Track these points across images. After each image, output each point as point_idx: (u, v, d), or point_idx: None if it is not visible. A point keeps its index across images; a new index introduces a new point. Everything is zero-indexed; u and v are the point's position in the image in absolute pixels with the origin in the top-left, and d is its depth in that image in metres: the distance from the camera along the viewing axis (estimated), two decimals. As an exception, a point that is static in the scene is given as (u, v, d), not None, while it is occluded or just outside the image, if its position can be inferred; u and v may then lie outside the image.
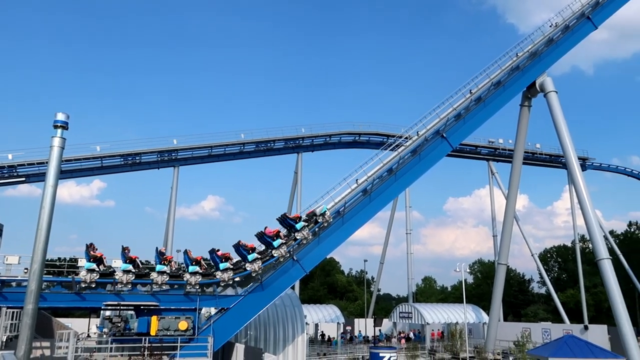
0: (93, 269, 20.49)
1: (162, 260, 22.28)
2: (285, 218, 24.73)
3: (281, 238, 23.71)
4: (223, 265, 22.31)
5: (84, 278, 20.23)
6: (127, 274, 20.77)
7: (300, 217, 24.77)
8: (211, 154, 46.02)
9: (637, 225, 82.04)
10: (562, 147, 32.81)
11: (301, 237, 23.95)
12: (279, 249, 23.27)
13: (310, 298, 74.71)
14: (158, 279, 21.21)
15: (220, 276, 22.07)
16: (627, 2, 35.80)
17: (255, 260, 22.72)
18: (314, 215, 24.71)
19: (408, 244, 55.74)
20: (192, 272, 21.75)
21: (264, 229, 24.21)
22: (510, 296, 74.58)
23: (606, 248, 30.83)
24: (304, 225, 24.23)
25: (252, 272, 22.61)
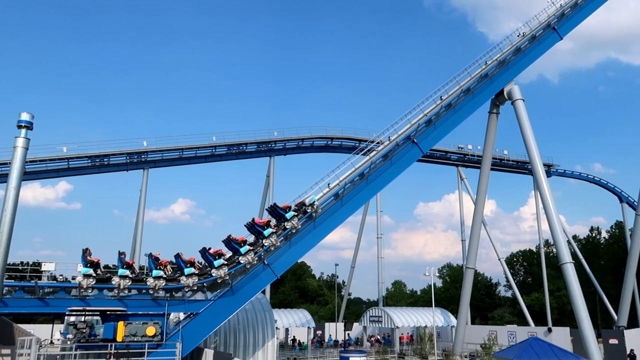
0: (90, 274, 20.30)
1: (158, 265, 21.99)
2: (275, 208, 24.94)
3: (271, 227, 23.99)
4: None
5: (218, 274, 20.98)
6: (124, 279, 20.64)
7: (290, 206, 25.00)
8: (182, 157, 45.41)
9: (598, 230, 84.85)
10: (529, 153, 33.68)
11: (291, 227, 24.33)
12: (269, 237, 23.61)
13: (281, 302, 74.35)
14: (189, 281, 21.36)
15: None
16: (590, 15, 37.16)
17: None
18: (303, 205, 25.13)
19: (379, 248, 56.21)
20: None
21: (253, 220, 24.49)
22: (477, 300, 75.97)
23: (569, 252, 31.75)
24: (293, 214, 24.52)
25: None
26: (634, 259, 43.67)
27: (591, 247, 79.47)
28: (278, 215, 24.79)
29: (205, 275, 22.41)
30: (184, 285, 21.79)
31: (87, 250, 21.60)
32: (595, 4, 36.70)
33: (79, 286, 20.07)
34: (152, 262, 22.47)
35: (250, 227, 24.68)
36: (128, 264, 21.39)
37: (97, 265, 20.90)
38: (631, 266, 43.80)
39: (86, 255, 21.19)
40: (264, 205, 50.08)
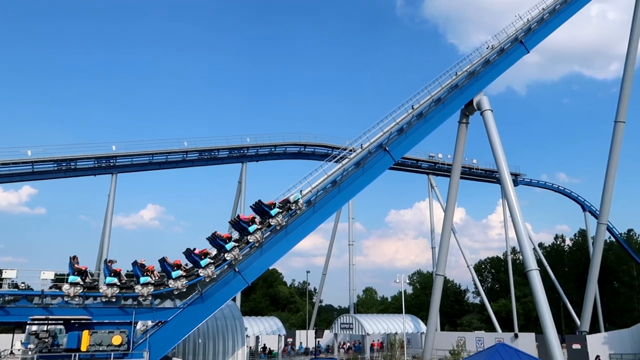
0: (77, 282, 20.01)
1: (144, 272, 21.63)
2: (260, 205, 25.06)
3: (256, 224, 24.19)
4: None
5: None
6: (112, 287, 20.33)
7: (274, 203, 25.21)
8: (152, 162, 44.67)
9: (563, 238, 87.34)
10: (497, 163, 34.42)
11: (275, 223, 24.56)
12: (254, 234, 23.78)
13: (251, 310, 73.67)
14: (144, 290, 20.85)
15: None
16: (556, 30, 38.40)
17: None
18: (287, 202, 25.45)
19: (350, 255, 56.42)
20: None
21: (238, 216, 24.86)
22: (447, 306, 77.02)
23: (535, 260, 32.52)
24: (278, 211, 24.84)
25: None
26: (595, 266, 44.99)
27: (556, 255, 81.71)
28: (263, 212, 24.98)
29: (192, 277, 22.22)
30: (173, 288, 21.52)
31: (74, 258, 21.29)
32: (560, 20, 37.96)
33: (66, 295, 19.73)
34: (139, 270, 22.00)
35: (235, 224, 24.76)
36: (80, 270, 20.66)
37: (85, 273, 20.59)
38: (593, 273, 45.08)
39: (74, 263, 20.89)
40: (235, 211, 49.66)
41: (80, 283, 20.32)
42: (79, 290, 20.15)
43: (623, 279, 76.78)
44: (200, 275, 22.40)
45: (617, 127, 42.63)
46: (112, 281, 20.68)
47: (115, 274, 21.19)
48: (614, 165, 42.82)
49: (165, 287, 21.76)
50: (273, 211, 24.72)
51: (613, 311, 72.79)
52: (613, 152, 42.74)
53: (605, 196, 43.66)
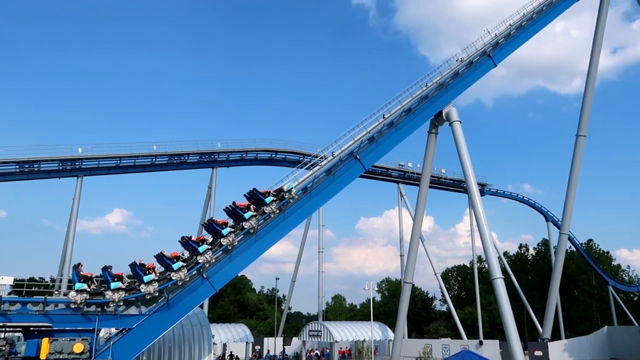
0: (84, 289, 20.07)
1: (146, 270, 21.47)
2: (255, 192, 25.25)
3: (252, 211, 24.62)
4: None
5: (74, 299, 19.70)
6: (81, 293, 20.01)
7: (269, 192, 25.67)
8: (119, 165, 43.73)
9: (526, 247, 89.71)
10: (464, 173, 35.10)
11: (269, 211, 24.89)
12: (249, 220, 24.00)
13: (219, 317, 72.71)
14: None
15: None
16: (522, 45, 39.59)
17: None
18: (281, 191, 25.95)
19: (320, 262, 56.39)
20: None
21: (233, 203, 24.90)
22: (414, 314, 77.86)
23: (500, 268, 33.21)
24: (272, 199, 25.28)
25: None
26: (557, 274, 46.29)
27: (520, 263, 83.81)
28: (257, 200, 25.22)
29: (164, 280, 21.88)
30: (145, 292, 21.22)
31: (79, 266, 21.35)
32: (526, 36, 39.15)
33: (73, 302, 19.69)
34: (139, 270, 21.75)
35: (232, 211, 24.84)
36: (86, 276, 20.72)
37: (90, 280, 20.66)
38: (555, 281, 46.34)
39: (79, 270, 21.01)
40: (204, 217, 49.05)
41: (87, 290, 20.32)
42: (85, 297, 20.10)
43: (583, 287, 79.35)
44: (172, 278, 22.02)
45: (579, 140, 44.18)
46: (81, 287, 20.21)
47: (85, 279, 20.71)
48: (575, 177, 44.31)
49: (137, 292, 21.30)
50: (267, 199, 25.15)
51: (573, 319, 75.08)
52: (574, 165, 44.23)
53: (567, 207, 45.07)
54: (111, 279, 21.13)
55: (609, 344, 44.72)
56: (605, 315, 75.50)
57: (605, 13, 44.11)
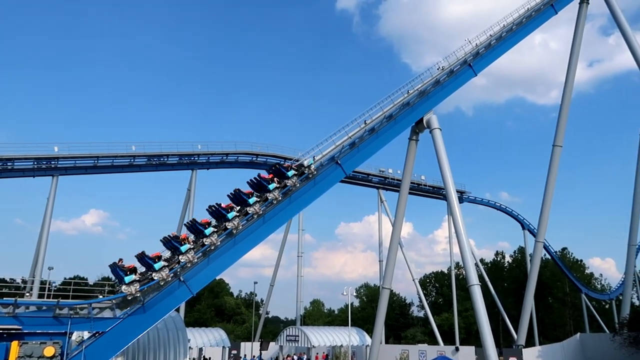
0: (134, 279, 21.07)
1: (127, 271, 21.60)
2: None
3: (275, 183, 25.99)
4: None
5: (130, 291, 20.72)
6: (133, 284, 21.03)
7: (291, 166, 27.32)
8: (97, 165, 42.99)
9: (503, 254, 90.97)
10: (443, 180, 35.40)
11: (291, 184, 25.88)
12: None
13: (195, 321, 71.85)
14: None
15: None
16: (501, 55, 40.28)
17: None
18: (301, 166, 27.29)
19: (299, 267, 56.31)
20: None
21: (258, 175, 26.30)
22: (392, 319, 78.13)
23: (477, 275, 33.55)
24: (294, 173, 26.88)
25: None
26: (532, 282, 46.97)
27: (496, 270, 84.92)
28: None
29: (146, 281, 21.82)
30: (159, 280, 21.70)
31: (120, 261, 22.08)
32: (506, 47, 39.82)
33: (129, 294, 20.67)
34: (119, 270, 21.81)
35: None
36: (131, 268, 21.72)
37: (135, 271, 21.66)
38: (530, 289, 46.99)
39: (122, 265, 21.80)
40: (182, 219, 48.53)
41: (137, 279, 21.32)
42: (137, 287, 20.97)
43: (557, 295, 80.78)
44: (154, 278, 21.78)
45: (555, 150, 45.03)
46: (131, 279, 21.17)
47: (130, 270, 21.68)
48: (551, 186, 45.12)
49: (151, 281, 21.70)
50: (290, 172, 26.52)
51: (547, 326, 76.32)
52: (550, 175, 45.05)
53: (542, 216, 45.83)
54: (123, 273, 21.54)
55: (582, 350, 45.54)
56: (578, 323, 77.00)
57: (582, 27, 45.20)
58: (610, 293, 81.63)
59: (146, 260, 22.57)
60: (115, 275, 22.08)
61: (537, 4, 40.28)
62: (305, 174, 27.25)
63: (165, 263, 22.57)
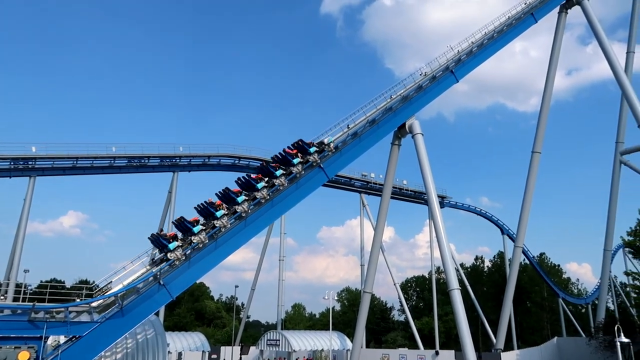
0: (178, 245, 22.71)
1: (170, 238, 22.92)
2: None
3: (299, 157, 27.95)
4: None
5: (176, 256, 22.50)
6: (177, 250, 22.71)
7: (313, 143, 28.99)
8: (76, 166, 42.31)
9: (482, 259, 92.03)
10: (425, 185, 35.67)
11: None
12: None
13: (175, 325, 70.98)
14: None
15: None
16: (483, 62, 40.84)
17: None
18: (322, 144, 29.19)
19: (280, 271, 56.10)
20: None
21: (284, 150, 27.99)
22: (373, 323, 78.27)
23: (457, 279, 33.80)
24: (316, 150, 28.68)
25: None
26: (511, 286, 47.55)
27: (476, 275, 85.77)
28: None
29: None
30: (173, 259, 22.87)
31: (161, 231, 24.00)
32: (487, 54, 40.39)
33: (176, 259, 22.41)
34: (162, 239, 23.07)
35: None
36: (173, 235, 23.28)
37: (176, 237, 23.17)
38: (509, 293, 47.57)
39: (164, 234, 23.40)
40: (163, 222, 47.99)
41: (180, 245, 22.97)
42: (181, 251, 22.78)
43: (535, 299, 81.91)
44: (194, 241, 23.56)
45: (534, 157, 45.77)
46: (175, 245, 22.74)
47: (173, 238, 23.15)
48: (530, 192, 45.82)
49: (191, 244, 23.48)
50: (312, 149, 28.41)
51: (525, 330, 77.38)
52: (529, 180, 45.76)
53: (521, 221, 46.50)
54: (166, 242, 22.87)
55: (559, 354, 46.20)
56: (555, 327, 78.14)
57: (561, 36, 46.14)
58: (587, 298, 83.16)
59: (186, 225, 24.25)
60: (158, 245, 23.46)
61: (518, 13, 40.98)
62: (326, 152, 29.15)
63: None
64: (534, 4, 41.70)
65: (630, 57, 50.91)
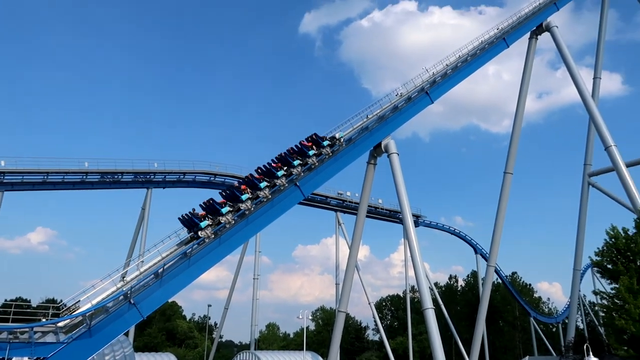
0: (209, 224, 24.07)
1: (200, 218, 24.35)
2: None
3: (314, 149, 29.82)
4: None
5: (206, 234, 23.87)
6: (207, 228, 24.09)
7: (326, 137, 30.83)
8: (46, 181, 41.27)
9: (456, 278, 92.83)
10: (400, 204, 35.85)
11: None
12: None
13: (145, 345, 69.11)
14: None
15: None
16: (457, 84, 41.75)
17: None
18: (334, 138, 30.94)
19: (254, 289, 55.42)
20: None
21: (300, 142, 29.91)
22: (347, 343, 77.79)
23: (431, 298, 33.85)
24: (328, 143, 30.53)
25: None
26: (484, 306, 47.88)
27: (450, 294, 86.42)
28: (317, 143, 29.96)
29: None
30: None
31: (193, 211, 24.66)
32: (461, 76, 41.26)
33: (207, 237, 23.82)
34: (195, 218, 24.35)
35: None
36: (203, 215, 24.49)
37: (206, 217, 24.47)
38: (482, 313, 47.83)
39: (196, 213, 24.52)
40: (135, 240, 47.06)
41: (210, 224, 24.27)
42: (211, 230, 24.11)
43: (507, 318, 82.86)
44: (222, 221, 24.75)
45: (506, 177, 46.67)
46: (206, 223, 24.09)
47: (203, 217, 24.43)
48: (503, 212, 46.57)
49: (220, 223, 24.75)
50: (325, 142, 30.15)
51: (498, 349, 77.98)
52: (502, 201, 46.55)
53: (494, 240, 47.09)
54: (198, 220, 24.16)
55: (530, 373, 46.72)
56: (527, 346, 79.02)
57: (532, 61, 47.59)
58: (557, 317, 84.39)
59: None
60: (188, 224, 24.46)
61: (491, 37, 42.18)
62: (336, 146, 30.90)
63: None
64: (506, 30, 43.00)
65: (597, 82, 52.80)
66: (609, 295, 30.80)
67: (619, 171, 36.86)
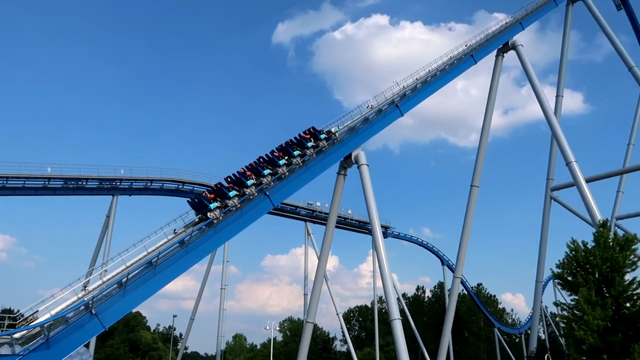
0: (217, 206, 25.43)
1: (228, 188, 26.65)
2: (314, 130, 30.85)
3: (311, 141, 31.08)
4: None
5: (215, 215, 25.31)
6: (216, 210, 25.53)
7: (322, 131, 32.10)
8: (6, 186, 39.91)
9: (423, 289, 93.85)
10: (369, 215, 36.05)
11: (322, 145, 31.15)
12: (309, 149, 29.71)
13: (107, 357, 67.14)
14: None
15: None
16: (427, 98, 42.52)
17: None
18: (330, 132, 32.42)
19: (222, 300, 54.68)
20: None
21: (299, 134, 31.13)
22: (315, 354, 77.36)
23: (398, 309, 34.11)
24: (325, 137, 31.95)
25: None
26: (450, 316, 48.48)
27: (417, 305, 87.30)
28: (314, 136, 31.31)
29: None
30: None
31: (203, 193, 26.19)
32: (430, 90, 42.03)
33: (215, 218, 25.29)
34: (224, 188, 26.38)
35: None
36: (212, 197, 25.79)
37: (216, 199, 25.84)
38: (448, 323, 48.38)
39: (205, 195, 25.93)
40: (99, 247, 45.80)
41: (219, 206, 25.84)
42: (219, 212, 25.69)
43: (472, 329, 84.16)
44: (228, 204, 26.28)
45: (473, 190, 47.62)
46: (215, 205, 25.59)
47: (213, 199, 25.80)
48: (469, 224, 47.42)
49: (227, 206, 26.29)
50: (322, 135, 31.54)
51: (463, 359, 78.97)
52: (468, 213, 47.42)
53: (460, 252, 47.86)
54: (208, 202, 25.45)
55: (494, 383, 47.44)
56: (491, 356, 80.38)
57: (498, 77, 48.94)
58: (520, 327, 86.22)
59: (223, 190, 26.74)
60: (197, 206, 25.70)
61: (459, 54, 43.24)
62: (332, 140, 32.32)
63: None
64: (474, 47, 44.19)
65: (559, 100, 54.62)
66: (569, 306, 31.51)
67: (579, 186, 38.11)
